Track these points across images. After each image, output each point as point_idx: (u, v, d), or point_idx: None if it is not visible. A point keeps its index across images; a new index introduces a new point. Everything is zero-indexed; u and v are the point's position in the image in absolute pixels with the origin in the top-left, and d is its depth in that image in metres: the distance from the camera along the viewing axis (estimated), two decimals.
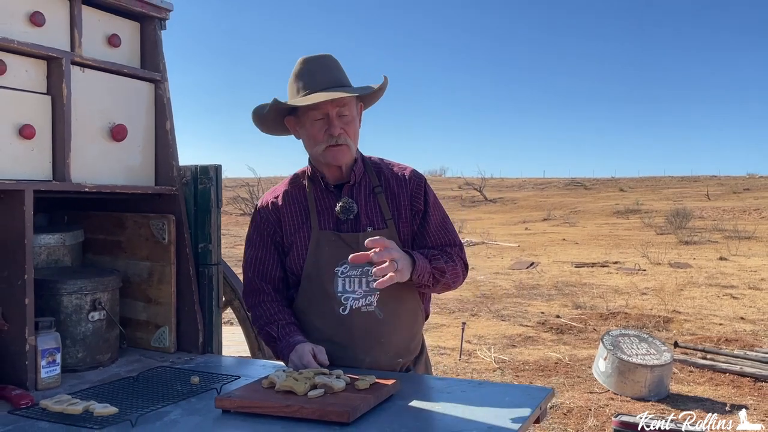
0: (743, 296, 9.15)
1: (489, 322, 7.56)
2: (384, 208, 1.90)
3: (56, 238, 2.13)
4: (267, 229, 1.95)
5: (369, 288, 1.85)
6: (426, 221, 1.93)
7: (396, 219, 1.91)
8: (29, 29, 1.85)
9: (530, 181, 43.21)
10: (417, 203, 1.93)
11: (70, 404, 1.52)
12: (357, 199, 1.91)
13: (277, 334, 1.86)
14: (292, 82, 1.89)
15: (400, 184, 1.94)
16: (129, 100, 2.10)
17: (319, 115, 1.84)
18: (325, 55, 1.91)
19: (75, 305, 1.95)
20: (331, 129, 1.84)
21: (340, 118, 1.84)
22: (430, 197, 1.95)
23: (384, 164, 1.99)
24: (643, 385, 4.74)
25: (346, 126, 1.86)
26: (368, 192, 1.92)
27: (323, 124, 1.84)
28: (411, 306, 1.94)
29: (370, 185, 1.93)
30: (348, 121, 1.86)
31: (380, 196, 1.91)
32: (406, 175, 1.96)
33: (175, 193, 2.16)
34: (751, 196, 29.44)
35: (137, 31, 2.17)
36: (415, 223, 1.92)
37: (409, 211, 1.92)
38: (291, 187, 1.97)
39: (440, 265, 1.86)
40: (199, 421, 1.48)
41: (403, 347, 1.92)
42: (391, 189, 1.93)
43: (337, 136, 1.83)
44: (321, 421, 1.43)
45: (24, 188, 1.74)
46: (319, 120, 1.84)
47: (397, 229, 1.90)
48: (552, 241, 17.98)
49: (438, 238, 1.94)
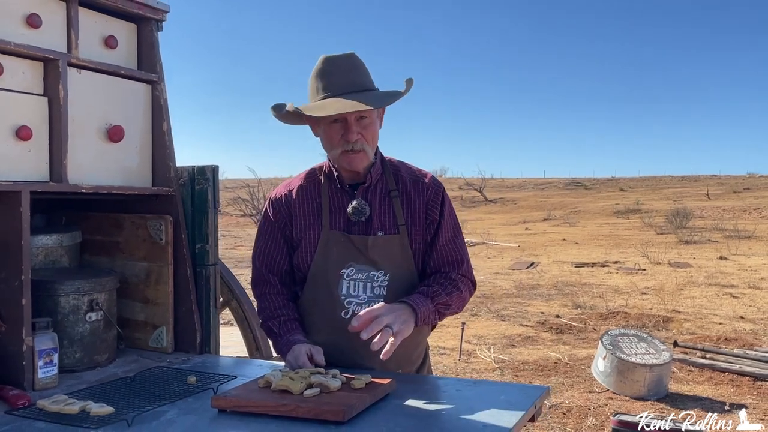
0: (743, 295, 9.15)
1: (489, 322, 7.56)
2: (398, 212, 1.86)
3: (54, 239, 2.14)
4: (278, 221, 1.92)
5: (373, 294, 1.82)
6: (437, 234, 1.87)
7: (409, 226, 1.85)
8: (26, 31, 1.85)
9: (530, 182, 43.23)
10: (432, 212, 1.87)
11: (67, 404, 1.52)
12: (371, 201, 1.86)
13: (278, 330, 1.85)
14: (312, 80, 1.82)
15: (417, 190, 1.88)
16: (126, 101, 2.11)
17: (338, 119, 1.78)
18: (348, 55, 1.82)
19: (72, 306, 1.95)
20: (347, 135, 1.77)
21: (358, 122, 1.78)
22: (446, 208, 1.89)
23: (403, 167, 1.93)
24: (642, 385, 4.74)
25: (364, 130, 1.79)
26: (383, 195, 1.87)
27: (340, 128, 1.78)
28: None
29: (386, 188, 1.87)
30: (366, 125, 1.80)
31: (395, 200, 1.86)
32: (426, 181, 1.90)
33: (172, 193, 2.16)
34: (752, 195, 29.44)
35: (134, 32, 2.18)
36: (429, 232, 1.87)
37: (423, 219, 1.87)
38: (306, 182, 1.93)
39: (443, 300, 1.81)
40: (195, 421, 1.48)
41: (405, 357, 1.88)
42: (408, 194, 1.87)
43: (354, 142, 1.77)
44: (316, 420, 1.43)
45: (21, 189, 1.75)
46: (336, 122, 1.78)
47: (409, 236, 1.85)
48: (552, 241, 17.98)
49: (446, 254, 1.88)
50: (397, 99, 1.79)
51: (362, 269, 1.82)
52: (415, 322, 1.73)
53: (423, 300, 1.78)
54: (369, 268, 1.82)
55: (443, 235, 1.88)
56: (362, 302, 1.82)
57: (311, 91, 1.82)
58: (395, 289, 1.83)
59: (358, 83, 1.79)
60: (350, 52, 1.83)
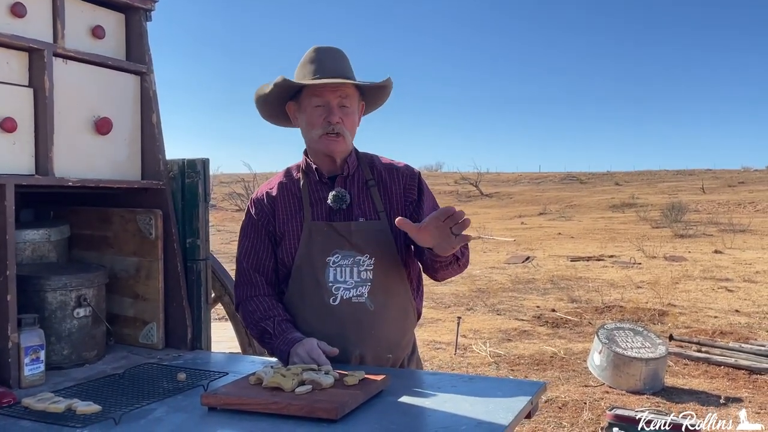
0: (738, 289, 9.16)
1: (484, 316, 7.55)
2: (377, 200, 1.91)
3: (41, 234, 2.10)
4: (261, 219, 1.95)
5: (360, 278, 1.85)
6: (419, 211, 1.92)
7: (388, 212, 1.90)
8: (10, 20, 1.81)
9: (526, 176, 43.21)
10: (410, 194, 1.94)
11: (53, 402, 1.49)
12: (350, 190, 1.91)
13: (273, 330, 1.84)
14: (300, 67, 1.91)
15: (392, 177, 1.95)
16: (114, 92, 2.07)
17: (321, 102, 1.86)
18: (336, 48, 1.93)
19: (60, 302, 1.91)
20: (330, 116, 1.85)
21: (340, 108, 1.86)
22: (423, 188, 1.96)
23: (377, 159, 2.00)
24: (638, 379, 4.73)
25: (345, 117, 1.87)
26: (361, 184, 1.93)
27: (323, 111, 1.86)
28: (402, 300, 1.92)
29: (363, 178, 1.93)
30: (348, 113, 1.88)
31: (373, 189, 1.92)
32: (400, 168, 1.97)
33: (162, 187, 2.12)
34: (746, 189, 29.51)
35: (122, 22, 2.14)
36: (408, 212, 1.92)
37: (402, 203, 1.92)
38: (285, 179, 1.98)
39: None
40: (184, 419, 1.45)
41: (394, 342, 1.90)
42: (384, 182, 1.94)
43: (335, 124, 1.84)
44: (309, 418, 1.40)
45: (5, 183, 1.71)
46: (319, 107, 1.86)
47: (389, 221, 1.89)
48: (548, 235, 17.98)
49: None
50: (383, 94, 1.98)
51: (348, 255, 1.85)
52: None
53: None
54: (354, 253, 1.85)
55: (426, 207, 1.93)
56: (350, 287, 1.84)
57: (298, 76, 1.91)
58: (381, 274, 1.87)
59: (344, 71, 1.89)
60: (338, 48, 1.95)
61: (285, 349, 1.78)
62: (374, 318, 1.85)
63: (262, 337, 1.87)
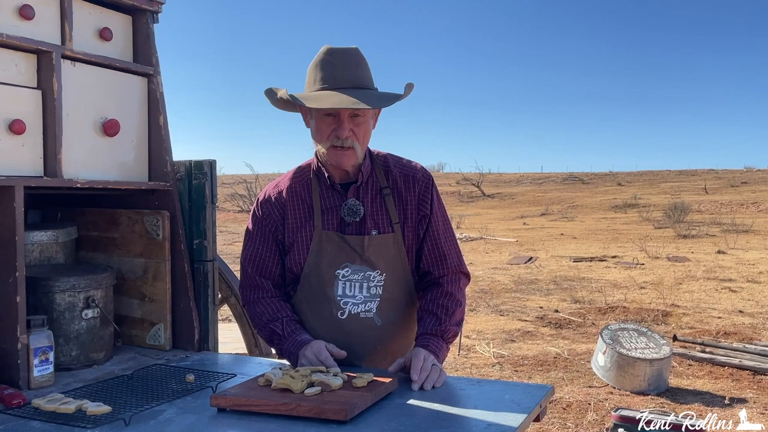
0: (741, 289, 9.14)
1: (488, 317, 7.55)
2: (391, 211, 1.83)
3: (49, 235, 2.10)
4: (269, 224, 1.88)
5: (369, 294, 1.81)
6: (428, 229, 1.86)
7: (402, 223, 1.84)
8: (19, 23, 1.82)
9: (528, 176, 43.19)
10: (424, 207, 1.86)
11: (63, 403, 1.50)
12: (363, 200, 1.83)
13: (283, 331, 1.82)
14: (311, 70, 1.77)
15: (408, 185, 1.86)
16: (121, 94, 2.07)
17: (331, 112, 1.73)
18: (351, 49, 1.77)
19: (68, 303, 1.92)
20: (339, 130, 1.73)
21: (351, 119, 1.73)
22: (435, 202, 1.88)
23: (393, 161, 1.90)
24: (642, 379, 4.73)
25: (356, 128, 1.74)
26: (375, 193, 1.84)
27: (333, 122, 1.74)
28: (410, 315, 1.90)
29: (377, 186, 1.84)
30: (359, 123, 1.75)
31: (388, 198, 1.83)
32: (416, 176, 1.87)
33: (169, 188, 2.13)
34: (749, 189, 29.46)
35: (129, 24, 2.14)
36: (421, 227, 1.86)
37: (415, 216, 1.85)
38: (295, 182, 1.88)
39: (450, 328, 1.84)
40: (194, 420, 1.45)
41: (400, 355, 1.85)
42: (399, 190, 1.85)
43: (344, 138, 1.73)
44: (318, 419, 1.41)
45: (14, 184, 1.71)
46: (329, 116, 1.74)
47: (402, 234, 1.84)
48: (550, 235, 17.97)
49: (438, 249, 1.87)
50: (394, 102, 1.74)
51: (358, 270, 1.80)
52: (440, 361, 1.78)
53: (436, 341, 1.80)
54: (365, 268, 1.80)
55: (434, 230, 1.87)
56: (359, 302, 1.81)
57: (309, 79, 1.78)
58: (391, 289, 1.83)
59: (358, 79, 1.74)
60: (354, 47, 1.78)
61: (294, 351, 1.78)
62: (381, 333, 1.83)
63: (272, 339, 1.86)
